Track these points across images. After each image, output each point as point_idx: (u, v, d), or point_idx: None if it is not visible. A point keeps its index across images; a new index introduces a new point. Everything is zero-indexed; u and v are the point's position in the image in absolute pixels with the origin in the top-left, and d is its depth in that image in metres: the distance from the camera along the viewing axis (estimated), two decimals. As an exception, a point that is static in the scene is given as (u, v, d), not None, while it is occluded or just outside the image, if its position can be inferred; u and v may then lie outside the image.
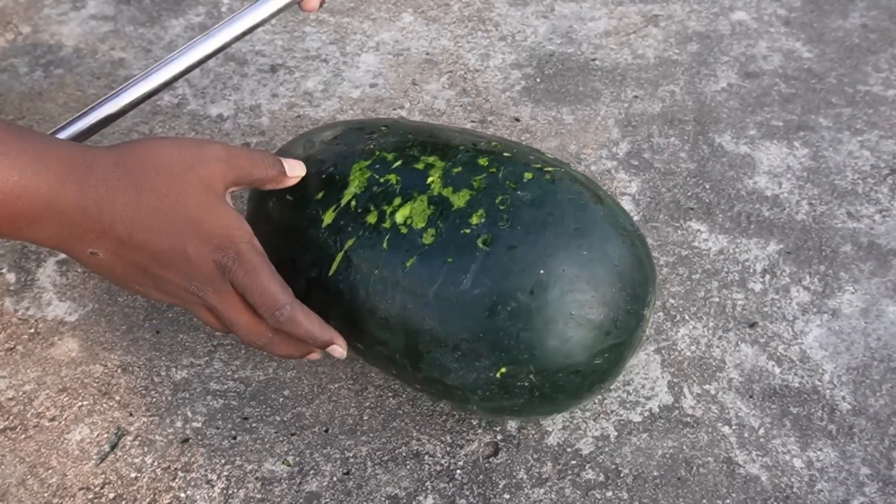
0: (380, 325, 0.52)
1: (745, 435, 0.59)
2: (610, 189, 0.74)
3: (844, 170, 0.76)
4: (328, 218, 0.54)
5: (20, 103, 0.82)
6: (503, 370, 0.49)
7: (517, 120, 0.80)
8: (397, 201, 0.52)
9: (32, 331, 0.64)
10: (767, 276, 0.68)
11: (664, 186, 0.75)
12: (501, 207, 0.50)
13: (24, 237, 0.47)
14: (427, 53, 0.88)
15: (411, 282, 0.50)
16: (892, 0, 0.94)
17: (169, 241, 0.48)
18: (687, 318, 0.65)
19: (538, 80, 0.85)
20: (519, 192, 0.51)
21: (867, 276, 0.68)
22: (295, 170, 0.55)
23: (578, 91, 0.84)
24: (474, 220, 0.50)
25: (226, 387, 0.61)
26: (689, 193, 0.74)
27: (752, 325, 0.65)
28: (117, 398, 0.60)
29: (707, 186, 0.75)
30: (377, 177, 0.54)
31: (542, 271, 0.49)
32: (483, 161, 0.53)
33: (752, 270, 0.68)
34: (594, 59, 0.87)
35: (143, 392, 0.61)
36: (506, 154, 0.54)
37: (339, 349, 0.53)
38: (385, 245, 0.51)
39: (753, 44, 0.89)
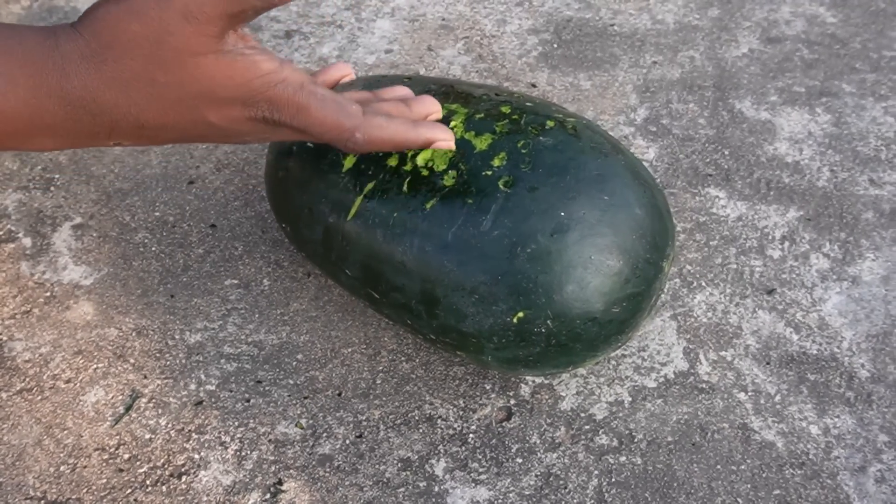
0: (397, 270, 0.51)
1: (761, 401, 0.58)
2: (627, 155, 0.73)
3: (867, 136, 0.74)
4: (349, 162, 0.54)
5: (36, 70, 0.82)
6: (520, 315, 0.49)
7: (534, 86, 0.79)
8: None
9: (48, 294, 0.64)
10: (786, 243, 0.67)
11: (682, 153, 0.74)
12: (523, 151, 0.50)
13: (34, 149, 0.44)
14: (443, 19, 0.87)
15: (430, 224, 0.50)
16: (919, -37, 0.91)
17: (186, 117, 0.43)
18: (704, 284, 0.64)
19: (555, 45, 0.84)
20: (541, 138, 0.51)
21: (889, 243, 0.67)
22: None
23: (596, 57, 0.82)
24: (496, 162, 0.50)
25: (239, 350, 0.61)
26: (708, 160, 0.73)
27: (770, 292, 0.64)
28: (132, 361, 0.60)
29: (726, 153, 0.73)
30: None
31: (562, 214, 0.48)
32: (505, 109, 0.53)
33: (770, 237, 0.67)
34: (612, 25, 0.86)
35: (158, 355, 0.61)
36: (528, 104, 0.54)
37: (444, 143, 0.49)
38: (405, 187, 0.51)
39: (776, 9, 0.87)
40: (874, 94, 0.78)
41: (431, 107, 0.52)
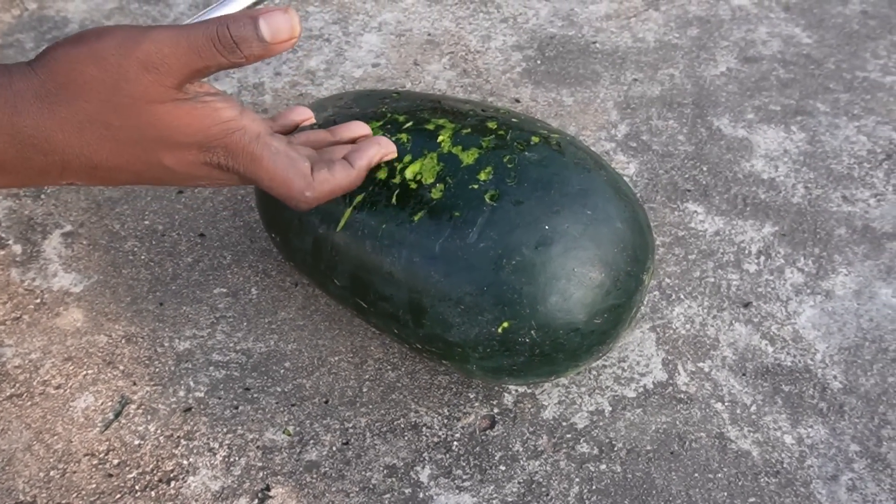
0: (385, 280, 0.53)
1: (738, 411, 0.60)
2: (609, 170, 0.75)
3: (841, 154, 0.77)
4: None
5: (25, 78, 0.82)
6: (505, 325, 0.50)
7: (517, 101, 0.81)
8: (407, 158, 0.53)
9: (38, 301, 0.65)
10: (762, 258, 0.69)
11: (662, 168, 0.75)
12: (509, 166, 0.52)
13: None
14: (429, 34, 0.89)
15: (418, 236, 0.51)
16: (892, -13, 0.94)
17: (141, 159, 0.43)
18: (682, 297, 0.66)
19: (539, 62, 0.86)
20: (526, 153, 0.52)
21: (861, 258, 0.69)
22: (278, 27, 0.41)
23: (578, 73, 0.84)
24: (482, 176, 0.52)
25: (228, 358, 0.62)
26: (687, 175, 0.75)
27: (747, 305, 0.66)
28: (121, 368, 0.61)
29: (704, 169, 0.75)
30: (388, 136, 0.55)
31: (546, 227, 0.50)
32: (492, 124, 0.54)
33: (747, 252, 0.69)
34: (595, 42, 0.88)
35: (147, 362, 0.62)
36: (513, 120, 0.55)
37: (387, 156, 0.50)
38: (394, 200, 0.53)
39: (753, 29, 0.89)
40: (847, 113, 0.80)
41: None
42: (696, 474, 0.57)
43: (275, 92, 0.82)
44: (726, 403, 0.60)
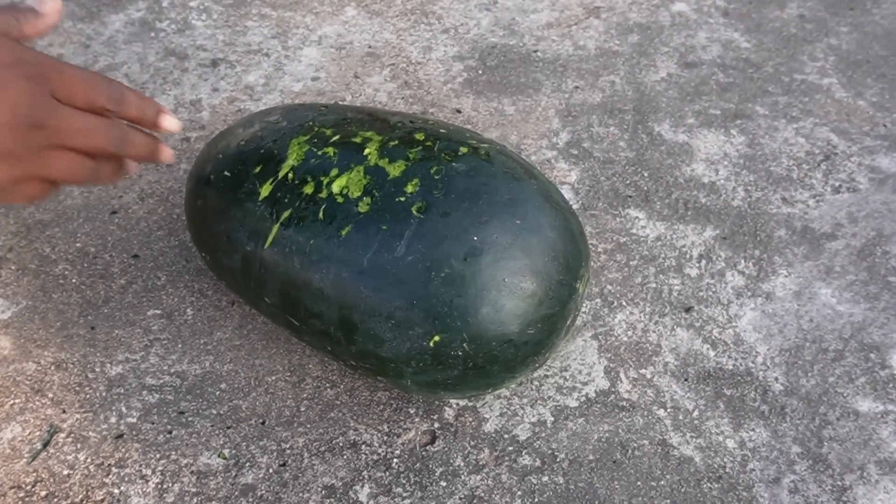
0: (315, 297, 0.52)
1: (680, 417, 0.59)
2: (550, 178, 0.75)
3: (780, 156, 0.77)
4: (265, 190, 0.54)
5: (-46, 100, 0.80)
6: (437, 338, 0.49)
7: (459, 111, 0.81)
8: (334, 172, 0.52)
9: (-37, 329, 0.63)
10: (703, 262, 0.69)
11: (603, 175, 0.75)
12: (436, 177, 0.51)
13: None
14: (369, 47, 0.88)
15: (346, 250, 0.50)
16: (828, -10, 0.95)
17: None
18: (624, 303, 0.66)
19: (480, 71, 0.85)
20: (454, 164, 0.52)
21: (800, 259, 0.69)
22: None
23: (520, 82, 0.84)
24: (409, 188, 0.51)
25: (162, 381, 0.60)
26: (628, 181, 0.75)
27: (688, 310, 0.66)
28: (50, 395, 0.59)
29: (645, 174, 0.75)
30: (315, 150, 0.54)
31: (475, 238, 0.49)
32: (419, 136, 0.54)
33: (688, 256, 0.69)
34: (536, 51, 0.88)
35: (77, 389, 0.60)
36: (442, 131, 0.55)
37: (173, 122, 0.50)
38: (321, 215, 0.52)
39: (693, 34, 0.90)
40: (786, 115, 0.81)
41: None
42: (639, 482, 0.56)
43: (213, 108, 0.81)
44: (668, 409, 0.60)
